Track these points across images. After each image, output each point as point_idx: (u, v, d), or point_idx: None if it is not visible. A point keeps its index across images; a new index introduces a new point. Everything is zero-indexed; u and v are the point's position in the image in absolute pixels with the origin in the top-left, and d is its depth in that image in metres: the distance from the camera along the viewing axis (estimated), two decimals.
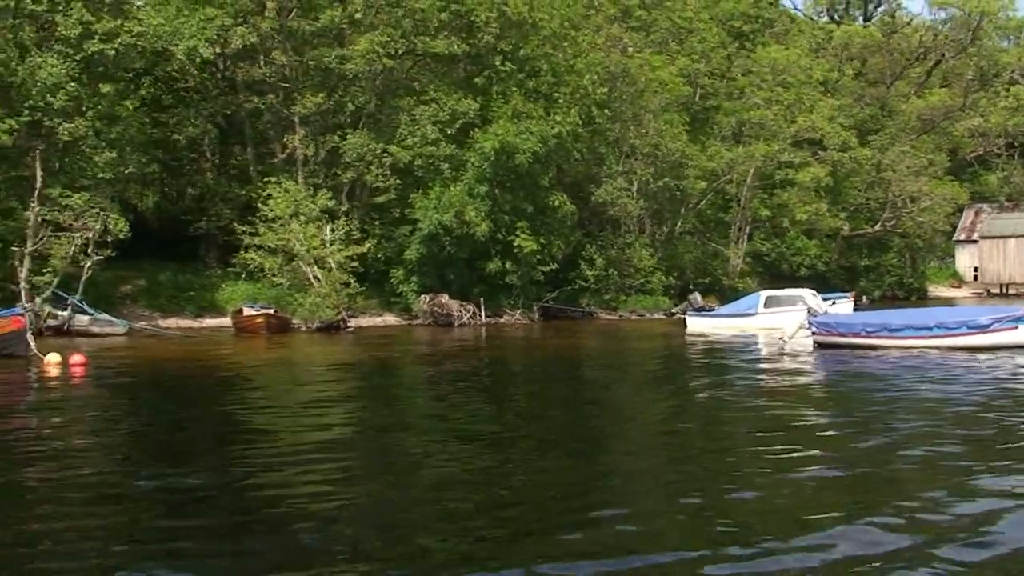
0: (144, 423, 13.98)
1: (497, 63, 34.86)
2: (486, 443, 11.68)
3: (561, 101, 34.55)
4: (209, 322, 34.56)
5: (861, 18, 62.22)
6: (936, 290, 59.82)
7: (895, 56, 57.65)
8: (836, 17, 62.65)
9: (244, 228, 34.14)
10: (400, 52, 33.38)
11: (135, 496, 8.96)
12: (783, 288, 34.39)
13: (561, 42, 34.89)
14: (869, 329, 24.13)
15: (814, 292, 31.70)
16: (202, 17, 32.85)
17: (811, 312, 25.49)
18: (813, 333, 24.54)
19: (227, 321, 34.37)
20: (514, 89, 34.19)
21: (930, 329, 23.76)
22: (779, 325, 29.67)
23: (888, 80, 57.52)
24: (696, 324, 32.13)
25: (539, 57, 35.08)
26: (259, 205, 33.87)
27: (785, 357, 23.04)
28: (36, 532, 7.68)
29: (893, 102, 55.70)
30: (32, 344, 21.66)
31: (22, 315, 21.90)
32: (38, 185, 29.36)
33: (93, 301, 31.29)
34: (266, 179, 33.60)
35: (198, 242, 39.84)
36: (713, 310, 33.49)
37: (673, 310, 37.23)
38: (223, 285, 36.44)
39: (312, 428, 13.06)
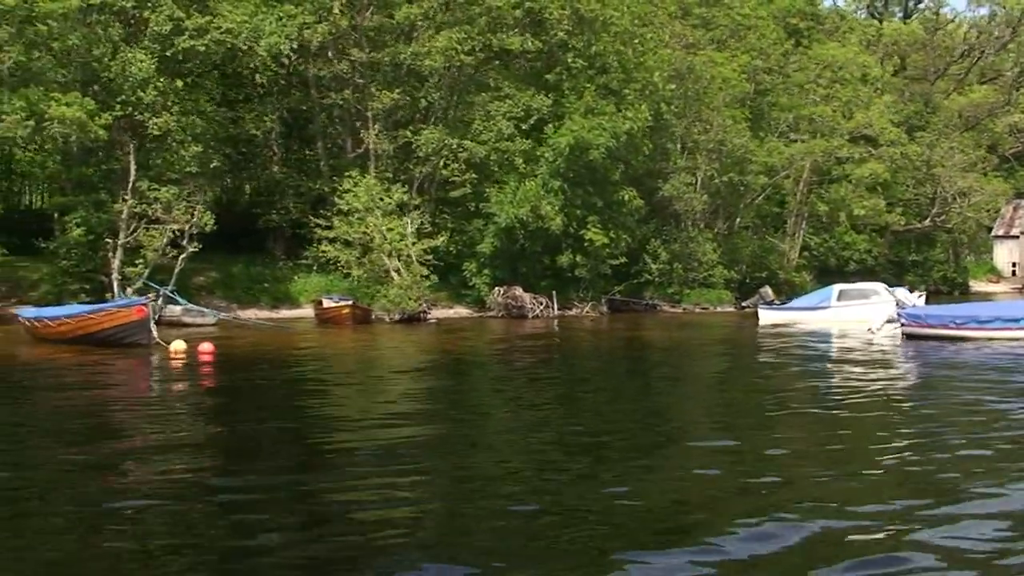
0: (297, 404, 14.95)
1: (569, 60, 35.49)
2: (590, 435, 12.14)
3: (631, 97, 35.15)
4: (285, 313, 35.15)
5: (901, 14, 62.66)
6: (975, 285, 60.30)
7: (938, 53, 58.20)
8: (875, 14, 63.13)
9: (319, 221, 34.81)
10: (476, 49, 33.94)
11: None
12: (855, 281, 34.99)
13: (631, 39, 35.48)
14: (958, 320, 24.81)
15: (886, 286, 32.30)
16: (281, 14, 33.47)
17: (900, 304, 26.14)
18: (902, 325, 25.23)
19: (302, 312, 35.11)
20: (587, 85, 34.79)
21: (1018, 321, 24.42)
22: (853, 318, 30.49)
23: (931, 77, 58.06)
24: (769, 317, 32.70)
25: (609, 54, 35.68)
26: (335, 199, 34.50)
27: (875, 347, 23.83)
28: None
29: (936, 99, 56.23)
30: (155, 333, 22.33)
31: (145, 305, 22.49)
32: (132, 178, 30.04)
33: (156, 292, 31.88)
34: (346, 173, 34.17)
35: (262, 235, 40.40)
36: (784, 303, 34.12)
37: (744, 303, 37.91)
38: (295, 277, 37.08)
39: (426, 397, 15.32)
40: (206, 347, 21.10)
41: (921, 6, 62.77)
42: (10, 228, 36.30)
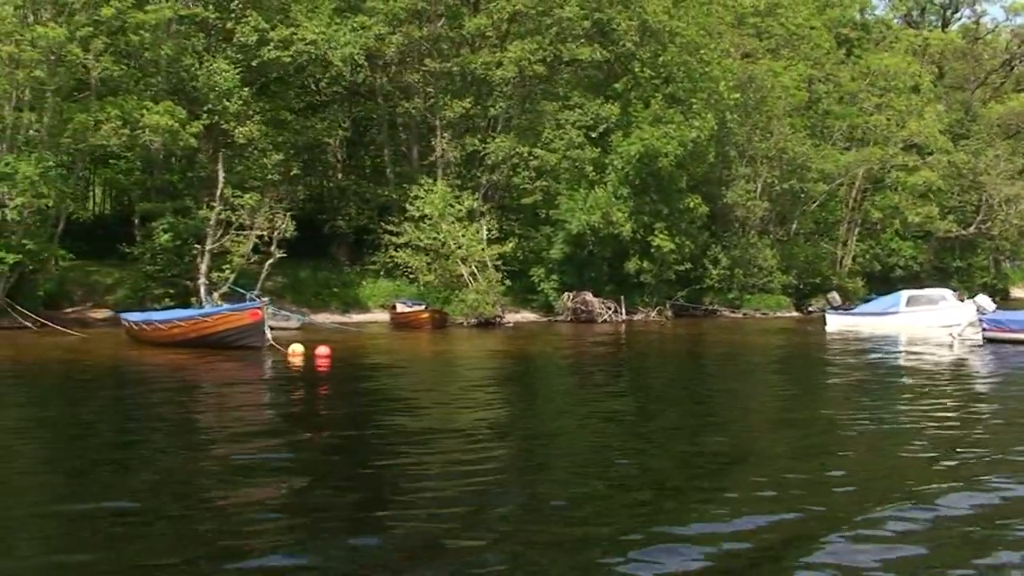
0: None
1: (636, 69, 36.22)
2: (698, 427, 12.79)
3: (696, 106, 35.86)
4: (357, 317, 35.80)
5: (938, 23, 63.26)
6: (1013, 291, 60.80)
7: (979, 62, 58.89)
8: (911, 23, 63.66)
9: (390, 228, 35.52)
10: (548, 59, 34.67)
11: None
12: (924, 288, 35.63)
13: (697, 50, 36.20)
14: None
15: (954, 292, 32.93)
16: (355, 25, 34.20)
17: (981, 310, 26.80)
18: (984, 329, 25.89)
19: (373, 316, 35.84)
20: (656, 95, 35.51)
21: None
22: (921, 323, 31.13)
23: (971, 86, 58.72)
24: (837, 322, 33.25)
25: (676, 64, 36.39)
26: (406, 206, 35.19)
27: (958, 350, 24.50)
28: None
29: (974, 107, 56.84)
30: (268, 335, 22.98)
31: (260, 308, 23.09)
32: (220, 185, 30.75)
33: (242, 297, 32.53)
34: (420, 181, 34.87)
35: (322, 240, 41.06)
36: (849, 308, 34.75)
37: (810, 308, 38.58)
38: (362, 282, 37.76)
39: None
40: (323, 350, 21.69)
41: (957, 15, 63.41)
42: (75, 234, 36.99)
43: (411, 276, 36.82)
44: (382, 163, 39.50)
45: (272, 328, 30.35)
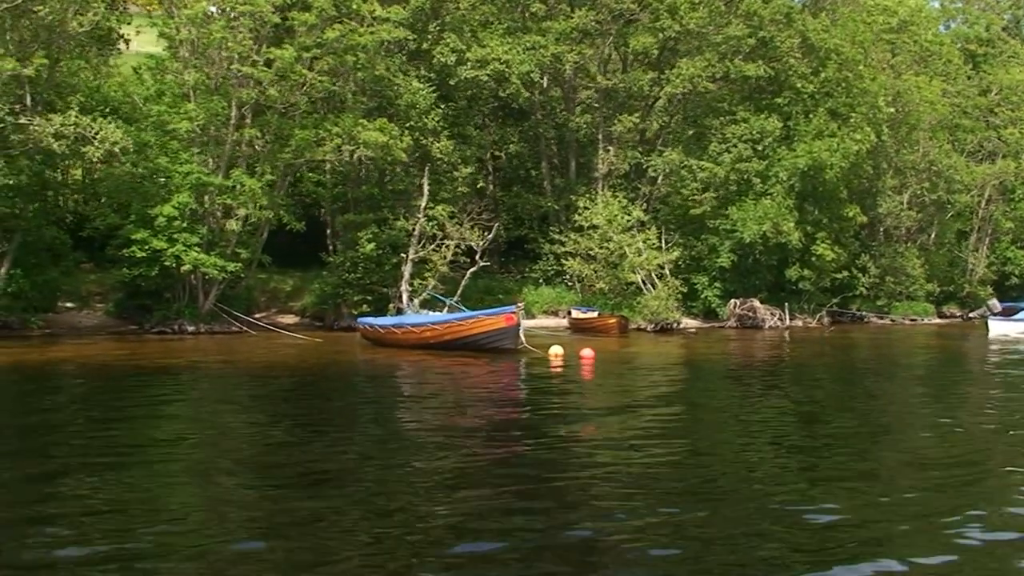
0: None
1: (799, 85, 37.79)
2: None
3: (854, 120, 37.35)
4: (527, 323, 37.37)
5: None
6: None
7: None
8: (1009, 35, 64.81)
9: (559, 237, 37.23)
10: (718, 76, 36.30)
11: None
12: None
13: (856, 65, 37.72)
14: None
15: None
16: (528, 44, 35.95)
17: None
18: None
19: (540, 322, 37.40)
20: (820, 110, 37.05)
21: None
22: None
23: None
24: (1000, 328, 34.56)
25: (837, 80, 37.93)
26: (575, 216, 36.87)
27: None
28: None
29: None
30: (522, 338, 24.54)
31: (515, 312, 24.61)
32: (425, 198, 32.56)
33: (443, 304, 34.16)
34: (583, 192, 36.59)
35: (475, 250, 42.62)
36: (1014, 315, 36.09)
37: (971, 315, 39.99)
38: (523, 289, 39.41)
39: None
40: (587, 352, 23.20)
41: None
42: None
43: (569, 283, 38.54)
44: (538, 175, 41.18)
45: None
